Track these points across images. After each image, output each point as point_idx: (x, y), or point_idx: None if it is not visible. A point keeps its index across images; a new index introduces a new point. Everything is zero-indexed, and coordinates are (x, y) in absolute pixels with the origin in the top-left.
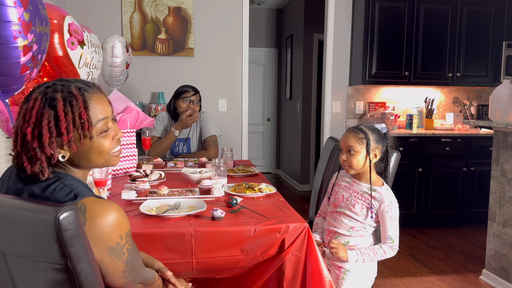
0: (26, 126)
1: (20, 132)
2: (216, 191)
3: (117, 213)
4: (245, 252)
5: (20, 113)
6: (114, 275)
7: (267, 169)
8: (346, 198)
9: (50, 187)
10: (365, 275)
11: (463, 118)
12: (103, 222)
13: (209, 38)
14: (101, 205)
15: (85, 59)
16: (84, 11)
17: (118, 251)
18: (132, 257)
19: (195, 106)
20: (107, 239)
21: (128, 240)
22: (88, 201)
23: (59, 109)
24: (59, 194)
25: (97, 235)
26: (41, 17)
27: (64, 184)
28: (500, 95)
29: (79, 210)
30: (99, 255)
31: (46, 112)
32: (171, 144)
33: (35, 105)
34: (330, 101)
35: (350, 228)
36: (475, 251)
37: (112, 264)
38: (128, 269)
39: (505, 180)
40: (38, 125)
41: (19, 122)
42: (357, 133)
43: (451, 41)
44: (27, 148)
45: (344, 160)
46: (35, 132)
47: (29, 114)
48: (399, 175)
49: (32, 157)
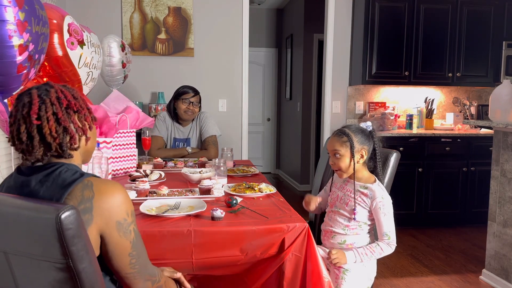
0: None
1: (54, 115)
2: (216, 191)
3: (123, 191)
4: (245, 252)
5: (45, 102)
6: (121, 256)
7: (267, 169)
8: (340, 198)
9: (56, 171)
10: (365, 275)
11: (463, 118)
12: (111, 196)
13: (209, 38)
14: (107, 183)
15: (85, 59)
16: (84, 11)
17: (125, 227)
18: (138, 241)
19: (195, 108)
20: (115, 213)
21: (133, 220)
22: (94, 178)
23: (76, 93)
24: (66, 175)
25: (106, 208)
26: (38, 17)
27: (68, 168)
28: (500, 95)
29: (86, 186)
30: (108, 229)
31: (74, 93)
32: (178, 156)
33: (61, 91)
34: (330, 101)
35: (345, 226)
36: (475, 251)
37: (120, 241)
38: (135, 254)
39: (505, 180)
40: (75, 100)
41: (47, 107)
42: (341, 137)
43: (451, 41)
44: (64, 126)
45: (333, 164)
46: (72, 108)
47: (58, 100)
48: (399, 175)
49: (74, 130)
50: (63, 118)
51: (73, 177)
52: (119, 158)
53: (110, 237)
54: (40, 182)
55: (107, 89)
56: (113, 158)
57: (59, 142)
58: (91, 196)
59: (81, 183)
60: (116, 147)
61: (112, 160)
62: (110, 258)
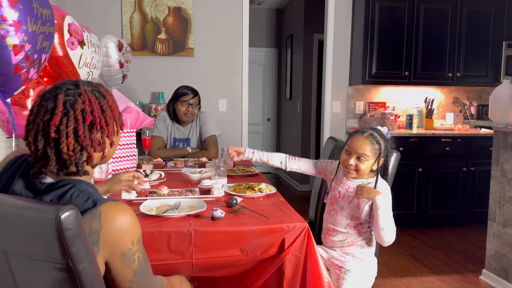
0: (96, 120)
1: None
2: (216, 191)
3: (130, 217)
4: (245, 252)
5: (68, 114)
6: (121, 282)
7: (267, 169)
8: (342, 195)
9: (67, 194)
10: (365, 275)
11: (463, 118)
12: (118, 227)
13: (209, 38)
14: (115, 210)
15: (85, 59)
16: (84, 11)
17: (129, 257)
18: (142, 267)
19: (194, 109)
20: (120, 244)
21: (139, 247)
22: (103, 207)
23: (108, 101)
24: (77, 201)
25: (112, 240)
26: (36, 16)
27: (80, 190)
28: (500, 95)
29: (94, 216)
30: (112, 259)
31: (103, 105)
32: (179, 156)
33: (89, 102)
34: (330, 101)
35: (347, 225)
36: (475, 251)
37: (122, 271)
38: (136, 280)
39: (505, 180)
40: (102, 116)
41: (69, 122)
42: (374, 143)
43: (451, 41)
44: (81, 145)
45: (352, 164)
46: (96, 126)
47: (90, 110)
48: (399, 175)
49: (93, 151)
50: (83, 136)
51: (85, 206)
52: (119, 158)
53: (113, 266)
54: None
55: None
56: (113, 158)
57: (74, 161)
58: (99, 229)
59: (91, 213)
60: (116, 147)
61: (112, 160)
62: (112, 282)
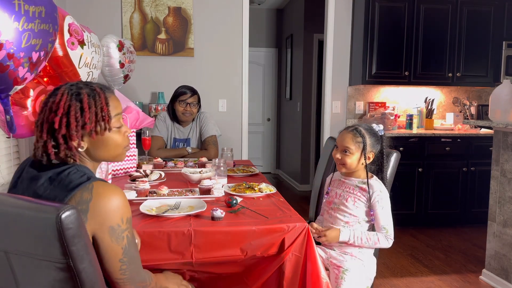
0: (53, 116)
1: (47, 122)
2: (216, 191)
3: (120, 197)
4: (245, 252)
5: (46, 106)
6: (111, 261)
7: (267, 169)
8: (339, 194)
9: (65, 171)
10: (364, 274)
11: (463, 118)
12: (108, 201)
13: (209, 38)
14: (107, 186)
15: (85, 59)
16: (84, 11)
17: (118, 233)
18: (131, 248)
19: (193, 109)
20: (109, 218)
21: (128, 227)
22: (97, 182)
23: (84, 102)
24: (74, 176)
25: (100, 212)
26: (18, 14)
27: (77, 169)
28: (500, 95)
29: (86, 189)
30: (100, 233)
31: (73, 104)
32: (179, 156)
33: (62, 98)
34: (330, 101)
35: (345, 223)
36: (475, 251)
37: (111, 246)
38: (126, 261)
39: (505, 180)
40: (65, 115)
41: (45, 113)
42: (356, 136)
43: (451, 41)
44: (54, 136)
45: (338, 158)
46: (63, 121)
47: (57, 106)
48: (399, 175)
49: (59, 145)
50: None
51: (79, 180)
52: None
53: (101, 241)
54: (49, 180)
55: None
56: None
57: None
58: (89, 199)
59: (85, 186)
60: None
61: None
62: (101, 262)
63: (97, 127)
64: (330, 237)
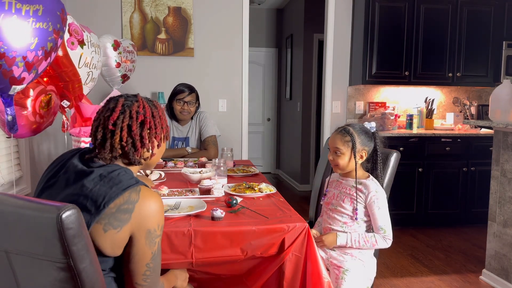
0: (141, 117)
1: (135, 122)
2: (216, 191)
3: (161, 204)
4: (245, 252)
5: (128, 108)
6: (139, 262)
7: (267, 169)
8: (336, 195)
9: (115, 171)
10: (364, 274)
11: (463, 118)
12: (150, 205)
13: (209, 38)
14: (152, 192)
15: (85, 59)
16: (84, 11)
17: (152, 238)
18: (158, 256)
19: (190, 107)
20: (149, 221)
21: (160, 234)
22: (143, 187)
23: (159, 110)
24: (124, 177)
25: (143, 214)
26: (8, 12)
27: (126, 172)
28: (500, 95)
29: (134, 190)
30: (138, 234)
31: (154, 111)
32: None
33: (144, 104)
34: (330, 101)
35: (343, 223)
36: (475, 251)
37: (143, 248)
38: (152, 267)
39: (505, 180)
40: (152, 118)
41: (127, 115)
42: (344, 136)
43: (451, 41)
44: (132, 137)
45: (331, 159)
46: (151, 123)
47: (143, 110)
48: (399, 175)
49: (143, 145)
50: (135, 131)
51: (129, 182)
52: None
53: (137, 241)
54: (99, 177)
55: (108, 89)
56: None
57: (125, 151)
58: (136, 200)
59: (134, 188)
60: None
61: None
62: (129, 260)
63: (167, 133)
64: (327, 242)
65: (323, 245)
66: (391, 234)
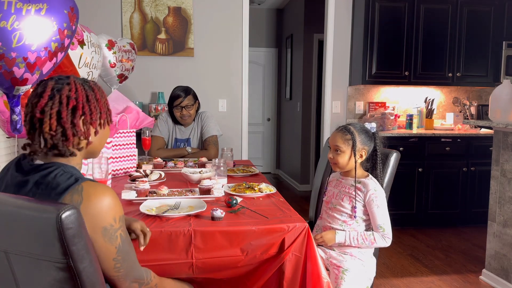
0: (73, 103)
1: (64, 109)
2: (216, 191)
3: (112, 196)
4: (245, 252)
5: (58, 93)
6: (105, 260)
7: (267, 169)
8: (336, 194)
9: (52, 174)
10: (364, 274)
11: (463, 118)
12: (98, 202)
13: (209, 38)
14: (97, 187)
15: (85, 59)
16: (84, 11)
17: (111, 233)
18: (125, 246)
19: (189, 111)
20: (102, 218)
21: (121, 225)
22: (86, 183)
23: (96, 92)
24: (61, 179)
25: (92, 213)
26: (6, 12)
27: (64, 171)
28: (500, 95)
29: (76, 191)
30: (93, 234)
31: (89, 94)
32: (178, 156)
33: (77, 87)
34: (330, 101)
35: (343, 222)
36: (475, 251)
37: (105, 246)
38: (120, 259)
39: (505, 180)
40: (87, 103)
41: (56, 101)
42: (345, 134)
43: (451, 41)
44: (63, 126)
45: (331, 158)
46: (86, 108)
47: (75, 94)
48: (399, 175)
49: (77, 132)
50: (65, 119)
51: (67, 183)
52: (119, 158)
53: (95, 241)
54: (36, 185)
55: (107, 89)
56: (113, 158)
57: (55, 142)
58: (80, 202)
59: (74, 188)
60: (116, 147)
61: (112, 160)
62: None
63: (107, 117)
64: (326, 239)
65: (322, 241)
66: (390, 233)
